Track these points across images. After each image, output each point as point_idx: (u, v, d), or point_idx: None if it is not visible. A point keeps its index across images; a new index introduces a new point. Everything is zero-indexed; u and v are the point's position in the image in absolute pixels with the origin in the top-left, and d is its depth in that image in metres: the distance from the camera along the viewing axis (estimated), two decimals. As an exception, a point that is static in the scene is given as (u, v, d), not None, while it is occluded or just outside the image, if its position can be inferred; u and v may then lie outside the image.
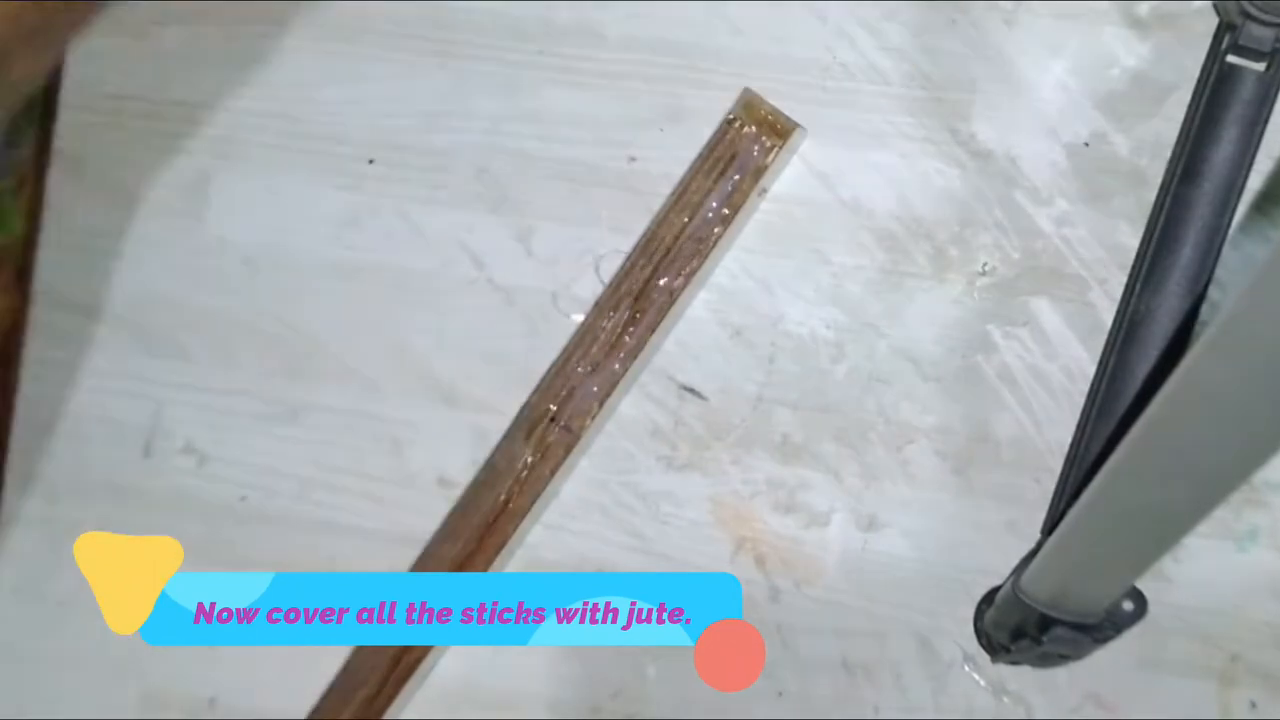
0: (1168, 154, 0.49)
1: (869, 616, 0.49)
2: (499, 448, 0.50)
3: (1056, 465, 0.49)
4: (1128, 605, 0.44)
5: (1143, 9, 0.50)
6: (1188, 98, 0.49)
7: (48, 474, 0.50)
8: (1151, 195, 0.49)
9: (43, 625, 0.50)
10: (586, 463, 0.50)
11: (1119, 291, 0.49)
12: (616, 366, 0.49)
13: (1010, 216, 0.50)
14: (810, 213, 0.50)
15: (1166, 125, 0.50)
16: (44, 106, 0.51)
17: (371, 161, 0.50)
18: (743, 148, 0.50)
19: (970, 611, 0.49)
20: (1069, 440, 0.49)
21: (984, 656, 0.49)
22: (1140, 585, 0.43)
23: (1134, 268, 0.49)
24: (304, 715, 0.49)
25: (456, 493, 0.50)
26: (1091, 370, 0.49)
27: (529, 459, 0.49)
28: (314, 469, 0.50)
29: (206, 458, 0.50)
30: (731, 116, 0.50)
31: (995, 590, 0.48)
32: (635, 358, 0.49)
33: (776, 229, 0.50)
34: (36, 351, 0.51)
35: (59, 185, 0.51)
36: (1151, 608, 0.44)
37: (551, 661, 0.49)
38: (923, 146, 0.50)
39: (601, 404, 0.49)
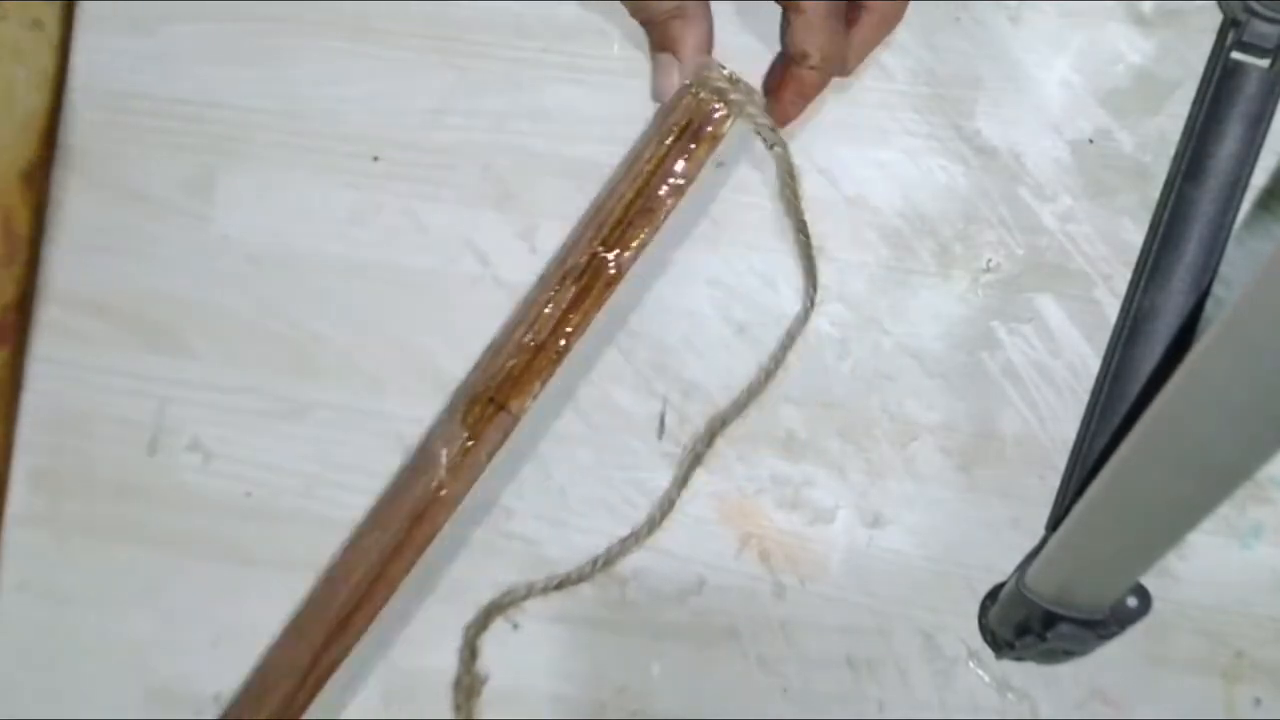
0: (1172, 150, 0.49)
1: (873, 613, 0.49)
2: (432, 431, 0.49)
3: (1061, 461, 0.49)
4: (1132, 601, 0.44)
5: (1147, 7, 0.50)
6: (1192, 94, 0.49)
7: (52, 471, 0.50)
8: (1155, 192, 0.49)
9: (46, 622, 0.50)
10: (592, 459, 0.50)
11: (1123, 288, 0.49)
12: (561, 344, 0.47)
13: (1014, 213, 0.50)
14: (814, 209, 0.50)
15: (1170, 122, 0.50)
16: (51, 104, 0.52)
17: (376, 159, 0.50)
18: (697, 116, 0.48)
19: (975, 608, 0.49)
20: (1073, 436, 0.49)
21: (988, 653, 0.49)
22: (1145, 582, 0.43)
23: (1138, 264, 0.49)
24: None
25: (461, 490, 0.50)
26: (1096, 367, 0.49)
27: (465, 443, 0.47)
28: (319, 466, 0.50)
29: (211, 455, 0.50)
30: (688, 84, 0.48)
31: (1000, 587, 0.48)
32: (580, 335, 0.47)
33: (781, 225, 0.50)
34: (41, 349, 0.51)
35: (64, 182, 0.51)
36: (1156, 604, 0.44)
37: (555, 658, 0.49)
38: (927, 143, 0.50)
39: (544, 384, 0.47)
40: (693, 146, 0.47)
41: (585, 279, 0.47)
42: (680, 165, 0.47)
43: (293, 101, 0.51)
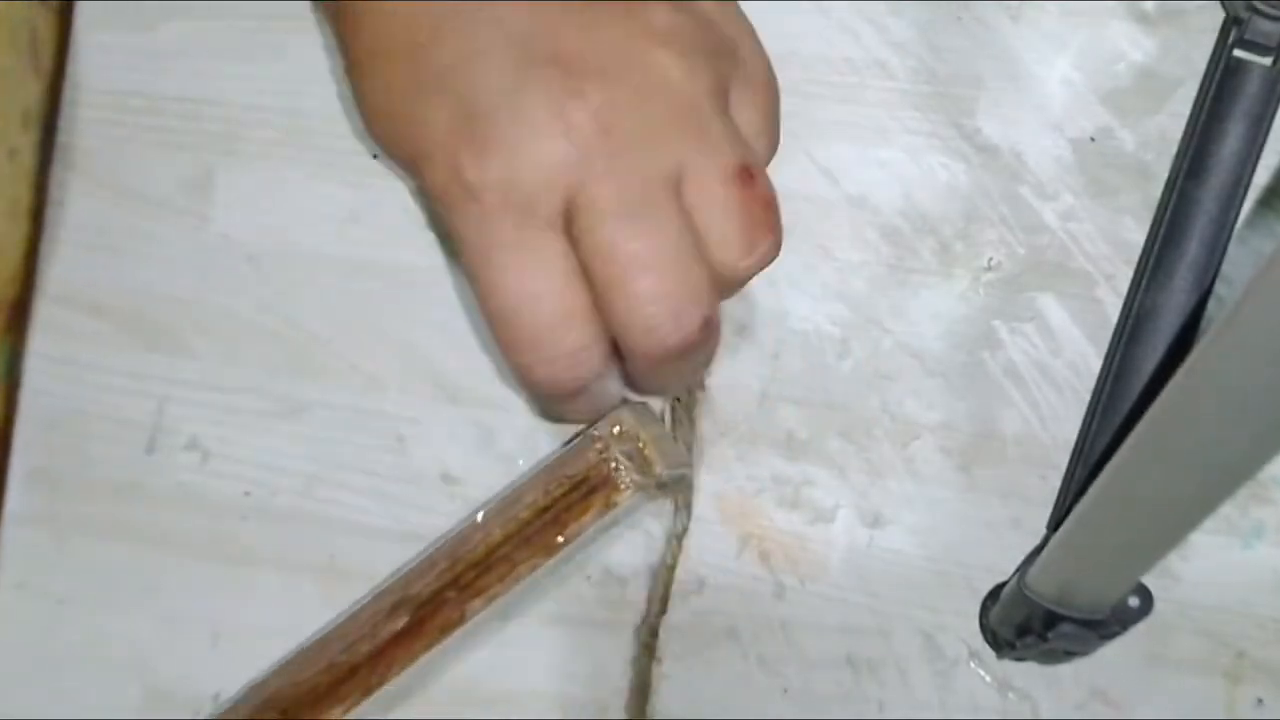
0: (1173, 149, 0.49)
1: (874, 613, 0.49)
2: None
3: (1062, 461, 0.49)
4: (1134, 601, 0.44)
5: (1149, 5, 0.50)
6: (1194, 93, 0.49)
7: (50, 470, 0.50)
8: (1157, 190, 0.49)
9: (45, 622, 0.50)
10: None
11: (1125, 287, 0.49)
12: (374, 680, 0.41)
13: (1015, 211, 0.50)
14: (815, 209, 0.50)
15: (1172, 120, 0.49)
16: (48, 102, 0.51)
17: (375, 156, 0.50)
18: (596, 475, 0.41)
19: (975, 608, 0.49)
20: (1075, 436, 0.49)
21: (989, 653, 0.49)
22: (1147, 581, 0.43)
23: (1140, 263, 0.49)
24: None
25: (461, 490, 0.50)
26: (1098, 366, 0.49)
27: None
28: (318, 465, 0.50)
29: (210, 454, 0.50)
30: (596, 434, 0.41)
31: (1001, 587, 0.48)
32: (401, 673, 0.42)
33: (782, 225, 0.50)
34: (38, 347, 0.51)
35: (62, 181, 0.51)
36: (1157, 604, 0.44)
37: (556, 659, 0.49)
38: (928, 142, 0.50)
39: (346, 712, 0.42)
40: (582, 508, 0.41)
41: (421, 614, 0.42)
42: (561, 525, 0.41)
43: (292, 99, 0.51)
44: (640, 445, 0.42)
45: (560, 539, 0.41)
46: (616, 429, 0.42)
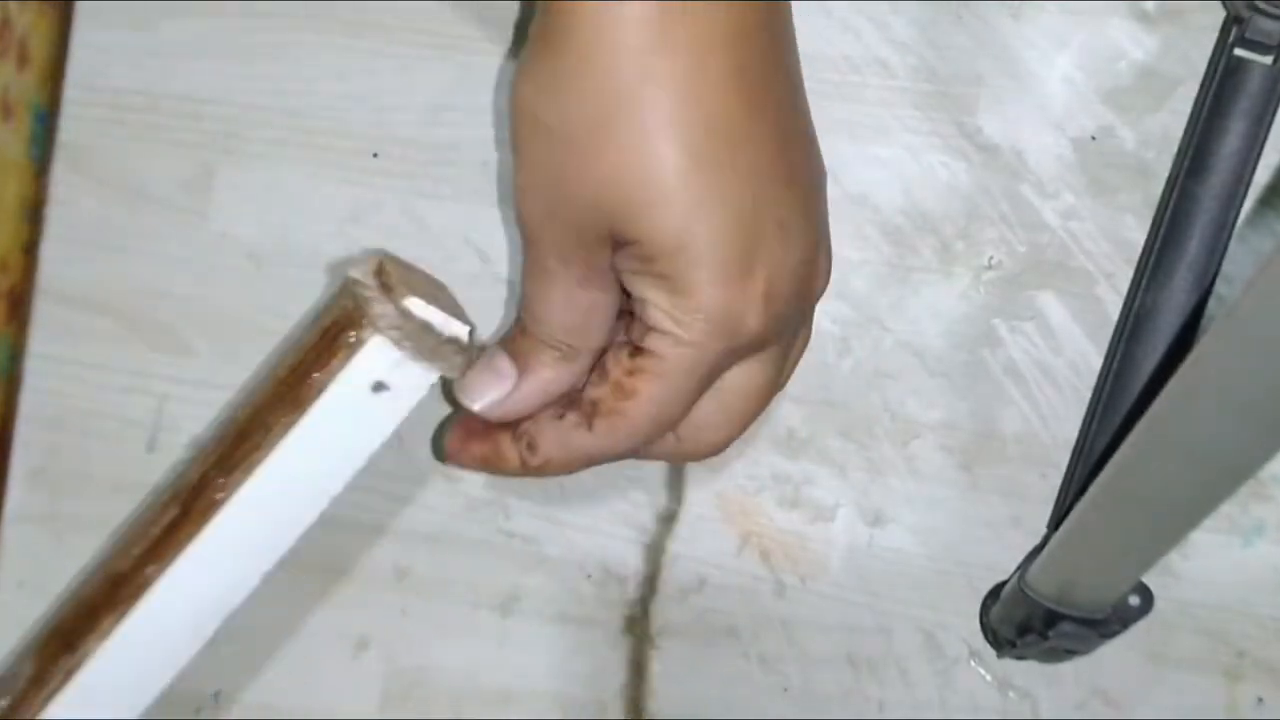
0: (1174, 148, 0.49)
1: (874, 612, 0.49)
2: (11, 662, 0.44)
3: (1062, 460, 0.49)
4: (1134, 600, 0.44)
5: (1149, 4, 0.50)
6: (1194, 91, 0.49)
7: (51, 469, 0.50)
8: (1158, 189, 0.49)
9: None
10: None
11: (1125, 285, 0.49)
12: (145, 577, 0.39)
13: (1016, 210, 0.49)
14: (815, 207, 0.50)
15: (1173, 119, 0.49)
16: (43, 96, 0.51)
17: (375, 155, 0.50)
18: (345, 320, 0.38)
19: (976, 607, 0.49)
20: (1075, 435, 0.49)
21: (990, 652, 0.49)
22: (1147, 580, 0.43)
23: (1140, 262, 0.49)
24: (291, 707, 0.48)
25: (462, 487, 0.50)
26: (1098, 364, 0.49)
27: (27, 679, 0.41)
28: (318, 464, 0.50)
29: (210, 453, 0.50)
30: (356, 276, 0.39)
31: (1001, 585, 0.48)
32: (168, 567, 0.39)
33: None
34: (39, 346, 0.51)
35: (62, 179, 0.51)
36: (1158, 603, 0.44)
37: (556, 659, 0.49)
38: (928, 140, 0.50)
39: (120, 621, 0.40)
40: (330, 353, 0.38)
41: (187, 502, 0.39)
42: (314, 376, 0.38)
43: (292, 98, 0.51)
44: (392, 283, 0.39)
45: (312, 389, 0.38)
46: (374, 271, 0.39)
